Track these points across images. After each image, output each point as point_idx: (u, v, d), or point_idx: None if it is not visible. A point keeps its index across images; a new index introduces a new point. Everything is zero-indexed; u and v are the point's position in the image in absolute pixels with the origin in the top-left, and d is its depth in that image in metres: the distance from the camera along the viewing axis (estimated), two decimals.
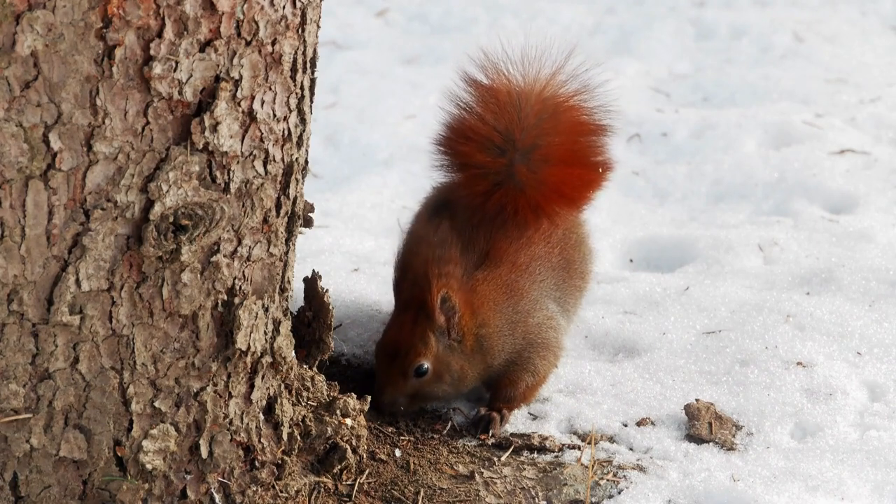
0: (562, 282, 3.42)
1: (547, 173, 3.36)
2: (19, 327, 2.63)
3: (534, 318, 3.32)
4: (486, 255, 3.32)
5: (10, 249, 2.58)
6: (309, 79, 2.88)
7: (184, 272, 2.70)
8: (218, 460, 2.84)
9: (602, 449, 3.26)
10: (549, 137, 3.36)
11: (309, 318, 3.14)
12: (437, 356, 3.22)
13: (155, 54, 2.57)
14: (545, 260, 3.38)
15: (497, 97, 3.37)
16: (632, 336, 3.71)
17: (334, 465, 3.03)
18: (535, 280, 3.34)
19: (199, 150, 2.66)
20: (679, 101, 5.62)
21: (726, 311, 3.83)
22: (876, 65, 5.95)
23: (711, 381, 3.51)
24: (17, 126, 2.52)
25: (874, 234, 4.33)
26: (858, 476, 3.19)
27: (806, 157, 4.90)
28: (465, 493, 3.08)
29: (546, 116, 3.36)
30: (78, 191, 2.58)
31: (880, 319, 3.78)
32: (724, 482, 3.13)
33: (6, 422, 2.67)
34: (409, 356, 3.20)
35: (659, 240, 4.39)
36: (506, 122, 3.35)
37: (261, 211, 2.79)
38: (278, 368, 2.93)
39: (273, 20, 2.71)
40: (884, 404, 3.46)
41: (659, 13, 6.48)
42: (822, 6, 6.70)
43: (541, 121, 3.36)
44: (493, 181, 3.36)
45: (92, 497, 2.75)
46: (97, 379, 2.69)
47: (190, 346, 2.76)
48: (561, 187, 3.39)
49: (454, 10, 6.50)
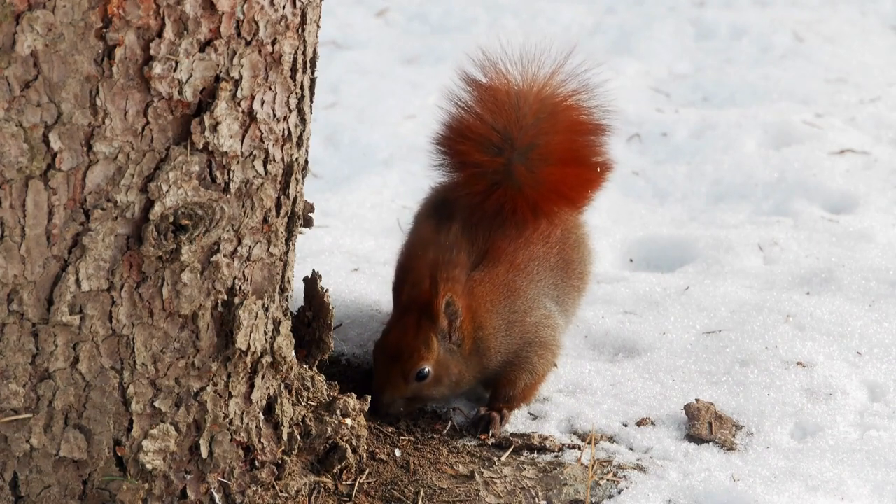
0: (560, 281, 3.42)
1: (545, 172, 3.36)
2: (19, 327, 2.63)
3: (531, 317, 3.32)
4: (484, 255, 3.32)
5: (10, 249, 2.58)
6: (309, 79, 2.88)
7: (184, 272, 2.70)
8: (218, 460, 2.84)
9: (602, 449, 3.26)
10: (547, 137, 3.37)
11: (309, 318, 3.14)
12: (439, 360, 3.22)
13: (155, 54, 2.57)
14: (543, 260, 3.38)
15: (495, 96, 3.38)
16: (632, 336, 3.71)
17: (334, 465, 3.03)
18: (532, 279, 3.34)
19: (199, 150, 2.66)
20: (679, 101, 5.62)
21: (726, 311, 3.83)
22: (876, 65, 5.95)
23: (711, 381, 3.51)
24: (17, 126, 2.52)
25: (874, 234, 4.33)
26: (858, 476, 3.19)
27: (806, 157, 4.90)
28: (465, 492, 3.08)
29: (544, 116, 3.37)
30: (78, 191, 2.58)
31: (880, 319, 3.78)
32: (724, 482, 3.13)
33: (6, 422, 2.67)
34: (412, 359, 3.20)
35: (659, 240, 4.39)
36: (504, 121, 3.36)
37: (261, 211, 2.79)
38: (278, 368, 2.93)
39: (273, 20, 2.71)
40: (884, 404, 3.46)
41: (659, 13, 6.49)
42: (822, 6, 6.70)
43: (539, 120, 3.36)
44: (492, 180, 3.36)
45: (92, 497, 2.75)
46: (97, 379, 2.69)
47: (190, 346, 2.76)
48: (559, 186, 3.40)
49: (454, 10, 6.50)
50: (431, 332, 3.20)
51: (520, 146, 3.35)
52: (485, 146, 3.37)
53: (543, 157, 3.37)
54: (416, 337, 3.20)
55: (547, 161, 3.37)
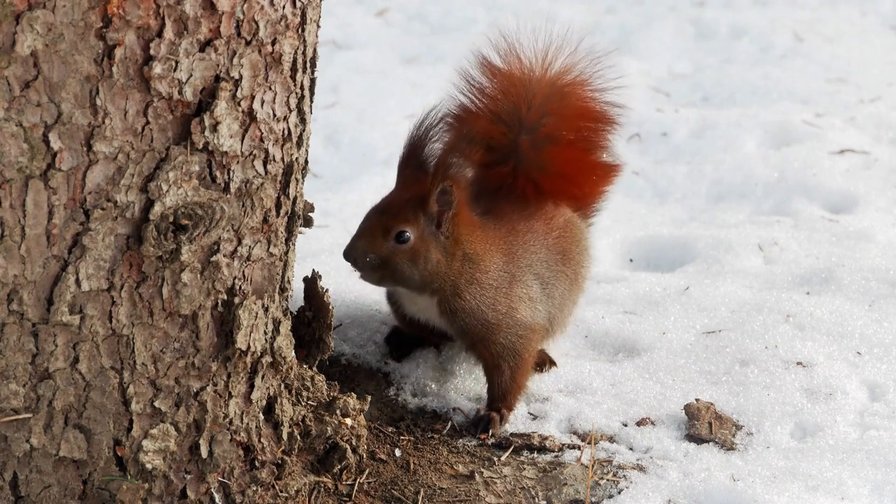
0: (554, 264, 3.42)
1: (550, 152, 3.40)
2: (19, 327, 2.63)
3: (515, 288, 3.32)
4: (489, 213, 3.34)
5: (10, 249, 2.58)
6: (309, 79, 2.88)
7: (184, 272, 2.70)
8: (218, 460, 2.84)
9: (602, 449, 3.26)
10: (554, 118, 3.41)
11: (309, 318, 3.14)
12: (422, 235, 3.21)
13: (155, 54, 2.57)
14: (542, 236, 3.41)
15: (508, 77, 3.43)
16: (632, 336, 3.71)
17: (334, 465, 3.03)
18: (528, 249, 3.36)
19: (199, 149, 2.66)
20: (679, 101, 5.63)
21: (726, 311, 3.83)
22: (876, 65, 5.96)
23: (711, 381, 3.52)
24: (17, 126, 2.52)
25: (874, 234, 4.33)
26: (858, 476, 3.19)
27: (806, 157, 4.90)
28: (465, 492, 3.08)
29: (554, 98, 3.41)
30: (78, 191, 2.58)
31: (880, 319, 3.78)
32: (724, 482, 3.13)
33: (6, 422, 2.67)
34: (396, 218, 3.21)
35: (659, 239, 4.39)
36: (514, 98, 3.40)
37: (261, 211, 2.79)
38: (278, 368, 2.93)
39: (273, 20, 2.71)
40: (884, 404, 3.46)
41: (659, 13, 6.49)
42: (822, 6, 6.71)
43: (547, 101, 3.40)
44: (500, 155, 3.39)
45: (92, 497, 2.75)
46: (97, 379, 2.69)
47: (190, 346, 2.76)
48: (564, 168, 3.44)
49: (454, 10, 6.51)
50: (420, 209, 3.21)
51: (528, 123, 3.39)
52: (493, 121, 3.40)
53: (550, 137, 3.41)
54: (406, 203, 3.22)
55: (554, 142, 3.41)
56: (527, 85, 3.42)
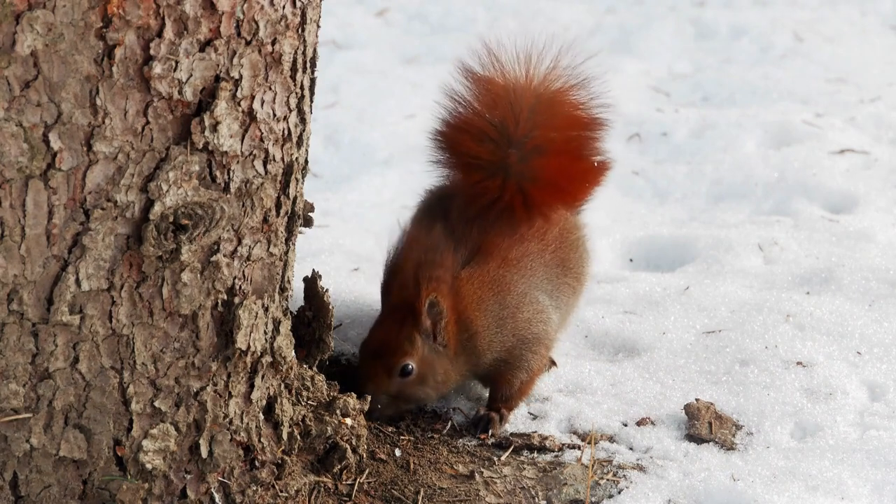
0: (555, 277, 3.41)
1: (540, 164, 3.36)
2: (19, 327, 2.63)
3: (523, 312, 3.31)
4: (477, 250, 3.32)
5: (10, 249, 2.58)
6: (309, 78, 2.88)
7: (184, 272, 2.70)
8: (218, 460, 2.84)
9: (602, 449, 3.26)
10: (542, 129, 3.37)
11: (309, 318, 3.14)
12: (423, 358, 3.21)
13: (155, 54, 2.57)
14: (537, 256, 3.38)
15: (492, 89, 3.39)
16: (632, 336, 3.71)
17: (334, 465, 3.03)
18: (524, 274, 3.34)
19: (199, 149, 2.66)
20: (679, 101, 5.63)
21: (726, 311, 3.83)
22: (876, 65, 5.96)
23: (711, 381, 3.51)
24: (17, 126, 2.52)
25: (874, 234, 4.33)
26: (858, 476, 3.19)
27: (806, 157, 4.90)
28: (465, 492, 3.08)
29: (540, 109, 3.37)
30: (78, 190, 2.58)
31: (880, 319, 3.78)
32: (724, 482, 3.14)
33: (6, 421, 2.67)
34: (395, 356, 3.20)
35: (659, 239, 4.39)
36: (501, 113, 3.37)
37: (261, 211, 2.79)
38: (278, 368, 2.93)
39: (273, 20, 2.71)
40: (884, 404, 3.46)
41: (659, 13, 6.49)
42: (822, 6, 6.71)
43: (534, 113, 3.36)
44: (488, 172, 3.37)
45: (92, 497, 2.75)
46: (97, 379, 2.69)
47: (190, 346, 2.76)
48: (555, 178, 3.40)
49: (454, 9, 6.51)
50: (415, 331, 3.20)
51: (516, 138, 3.36)
52: (481, 139, 3.37)
53: (539, 148, 3.37)
54: (399, 334, 3.20)
55: (542, 153, 3.37)
56: (511, 98, 3.36)
